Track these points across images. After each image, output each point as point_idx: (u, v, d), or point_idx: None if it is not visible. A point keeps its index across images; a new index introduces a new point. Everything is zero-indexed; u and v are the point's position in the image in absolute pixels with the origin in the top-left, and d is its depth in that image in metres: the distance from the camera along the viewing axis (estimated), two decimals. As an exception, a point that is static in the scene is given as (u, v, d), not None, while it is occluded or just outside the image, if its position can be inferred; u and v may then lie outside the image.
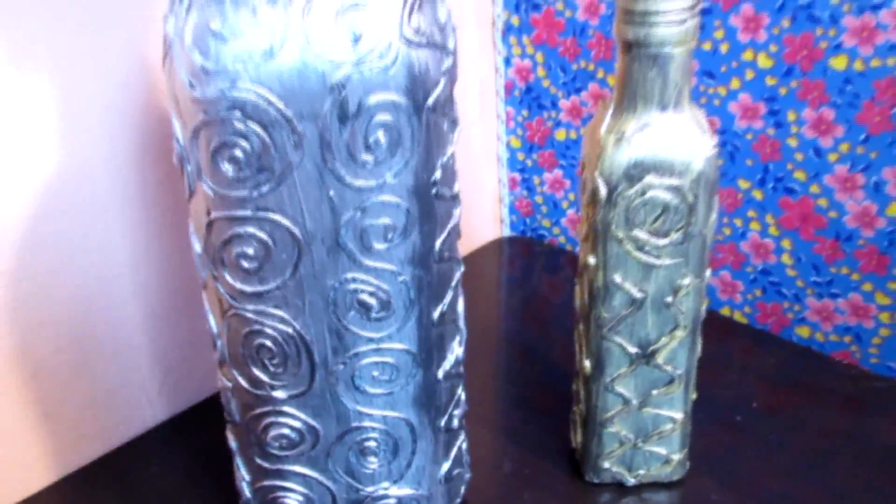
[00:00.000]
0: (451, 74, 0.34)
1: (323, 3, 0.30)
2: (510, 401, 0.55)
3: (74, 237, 0.46)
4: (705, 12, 0.56)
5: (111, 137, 0.46)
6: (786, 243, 0.58)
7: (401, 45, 0.31)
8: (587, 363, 0.43)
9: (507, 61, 0.69)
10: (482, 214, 0.74)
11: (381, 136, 0.32)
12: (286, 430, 0.37)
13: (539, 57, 0.66)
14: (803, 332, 0.60)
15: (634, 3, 0.36)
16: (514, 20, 0.67)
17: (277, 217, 0.33)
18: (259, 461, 0.39)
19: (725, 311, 0.63)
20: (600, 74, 0.63)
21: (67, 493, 0.48)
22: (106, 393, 0.49)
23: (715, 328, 0.61)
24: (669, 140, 0.38)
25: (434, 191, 0.35)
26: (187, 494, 0.47)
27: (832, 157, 0.54)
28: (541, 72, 0.67)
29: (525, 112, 0.70)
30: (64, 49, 0.42)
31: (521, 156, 0.72)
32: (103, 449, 0.50)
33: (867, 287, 0.56)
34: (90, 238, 0.46)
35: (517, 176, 0.73)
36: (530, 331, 0.62)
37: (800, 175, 0.56)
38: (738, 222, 0.60)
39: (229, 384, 0.38)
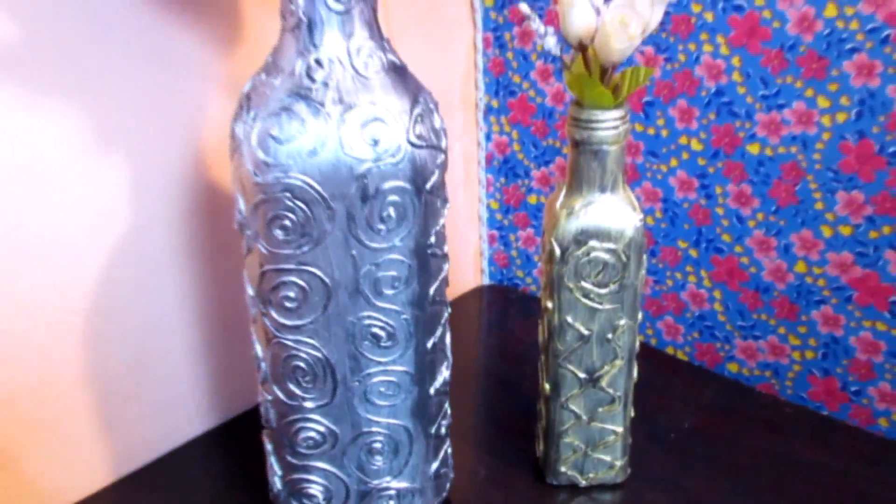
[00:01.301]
0: (444, 166, 0.46)
1: (352, 117, 0.42)
2: (487, 419, 0.66)
3: (138, 281, 0.57)
4: (649, 104, 0.68)
5: (169, 202, 0.57)
6: (717, 293, 0.70)
7: (407, 147, 0.43)
8: (547, 386, 0.54)
9: (488, 136, 0.81)
10: (466, 265, 0.86)
11: (391, 211, 0.44)
12: (312, 433, 0.48)
13: (515, 134, 0.79)
14: (733, 367, 0.72)
15: (580, 113, 0.48)
16: (494, 103, 0.79)
17: (314, 269, 0.44)
18: (290, 458, 0.50)
19: (669, 350, 0.75)
20: (565, 150, 0.75)
21: (123, 491, 0.58)
22: (154, 409, 0.60)
23: (660, 364, 0.72)
24: (607, 214, 0.49)
25: (429, 251, 0.46)
26: (222, 493, 0.58)
27: (751, 224, 0.66)
28: (516, 146, 0.79)
29: (503, 179, 0.82)
30: (138, 135, 0.54)
31: (499, 216, 0.84)
32: (153, 456, 0.61)
33: (782, 330, 0.68)
34: (149, 282, 0.57)
35: (495, 233, 0.85)
36: (504, 363, 0.74)
37: (726, 237, 0.68)
38: (678, 275, 0.72)
39: (269, 397, 0.49)
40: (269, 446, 0.51)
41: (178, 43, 0.54)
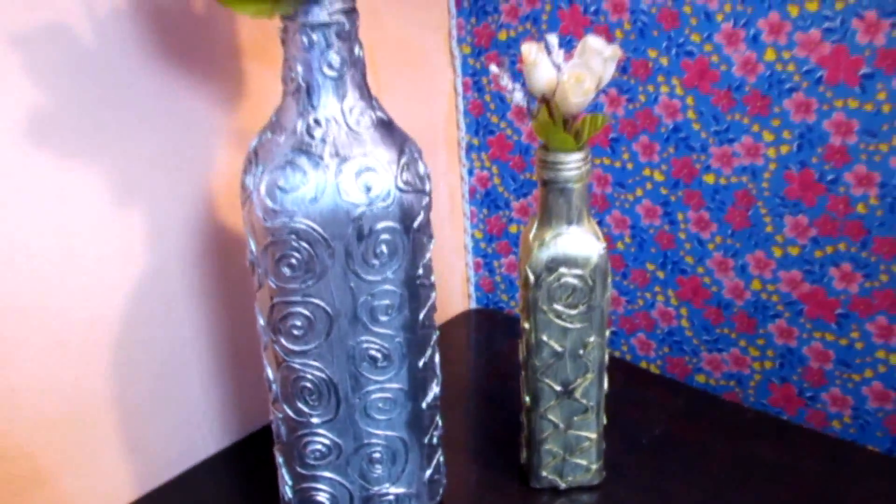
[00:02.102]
0: (428, 207, 0.52)
1: (348, 168, 0.48)
2: (476, 430, 0.72)
3: (159, 316, 0.63)
4: (615, 140, 0.75)
5: (185, 244, 0.63)
6: (683, 311, 0.77)
7: (396, 192, 0.49)
8: (527, 398, 0.61)
9: (470, 172, 0.88)
10: (455, 291, 0.92)
11: (384, 248, 0.50)
12: (319, 446, 0.54)
13: (495, 169, 0.85)
14: (700, 378, 0.78)
15: (546, 155, 0.55)
16: (475, 141, 0.86)
17: (317, 301, 0.50)
18: (299, 469, 0.55)
19: (643, 364, 0.81)
20: (542, 183, 0.82)
21: (147, 507, 0.64)
22: (175, 430, 0.66)
23: (634, 378, 0.79)
24: (574, 244, 0.56)
25: (418, 281, 0.52)
26: (237, 506, 0.64)
27: (710, 247, 0.73)
28: (496, 180, 0.86)
29: (485, 211, 0.88)
30: (155, 186, 0.61)
31: (483, 245, 0.90)
32: (174, 473, 0.66)
33: (743, 343, 0.74)
34: (169, 317, 0.64)
35: (480, 260, 0.91)
36: (491, 380, 0.80)
37: (689, 259, 0.75)
38: (647, 295, 0.78)
39: (280, 415, 0.55)
40: (280, 459, 0.57)
41: (188, 103, 0.61)
